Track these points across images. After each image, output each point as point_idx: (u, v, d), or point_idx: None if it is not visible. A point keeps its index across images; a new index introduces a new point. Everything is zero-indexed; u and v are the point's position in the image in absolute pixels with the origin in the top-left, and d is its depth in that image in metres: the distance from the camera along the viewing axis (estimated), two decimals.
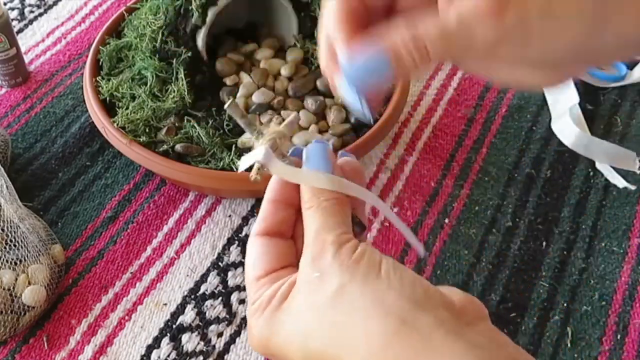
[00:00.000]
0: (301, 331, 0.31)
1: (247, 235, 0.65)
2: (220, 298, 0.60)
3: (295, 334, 0.31)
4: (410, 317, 0.29)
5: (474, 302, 0.32)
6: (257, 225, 0.36)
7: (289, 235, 0.37)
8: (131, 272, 0.62)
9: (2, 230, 0.56)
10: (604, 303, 0.60)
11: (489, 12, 0.28)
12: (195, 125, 0.63)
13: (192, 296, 0.60)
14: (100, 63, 0.69)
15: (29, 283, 0.57)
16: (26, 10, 0.89)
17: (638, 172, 0.69)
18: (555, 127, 0.74)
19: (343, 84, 0.32)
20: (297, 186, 0.36)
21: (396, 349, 0.28)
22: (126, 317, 0.59)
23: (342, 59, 0.31)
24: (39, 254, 0.59)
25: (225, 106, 0.36)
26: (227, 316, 0.59)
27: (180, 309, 0.60)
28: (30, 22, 0.88)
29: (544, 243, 0.65)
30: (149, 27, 0.66)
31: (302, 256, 0.33)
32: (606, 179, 0.70)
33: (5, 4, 0.90)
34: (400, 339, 0.28)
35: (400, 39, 0.29)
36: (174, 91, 0.64)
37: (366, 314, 0.29)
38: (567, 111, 0.74)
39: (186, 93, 0.64)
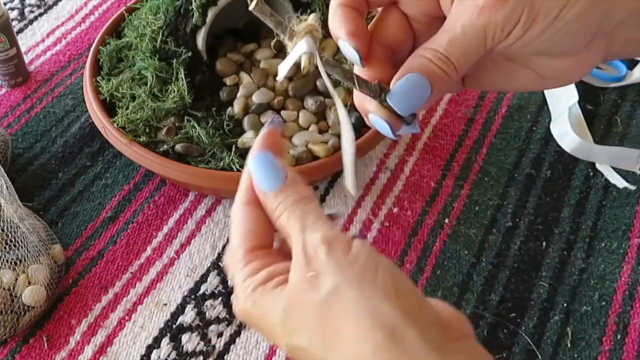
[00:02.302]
0: (287, 325, 0.31)
1: None
2: (220, 298, 0.60)
3: (279, 325, 0.31)
4: (400, 330, 0.29)
5: (461, 318, 0.32)
6: (244, 194, 0.35)
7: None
8: (131, 272, 0.62)
9: (2, 230, 0.56)
10: (604, 303, 0.60)
11: (486, 6, 0.32)
12: (195, 125, 0.63)
13: (192, 296, 0.60)
14: (100, 63, 0.69)
15: (29, 283, 0.57)
16: (26, 10, 0.89)
17: (638, 172, 0.69)
18: (555, 130, 0.74)
19: (377, 119, 0.35)
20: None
21: (380, 358, 0.28)
22: (126, 317, 0.59)
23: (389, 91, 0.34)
24: (39, 254, 0.59)
25: (250, 7, 0.32)
26: (227, 316, 0.59)
27: (180, 309, 0.60)
28: (30, 22, 0.88)
29: (544, 243, 0.65)
30: (149, 27, 0.66)
31: (293, 255, 0.32)
32: (606, 179, 0.70)
33: (5, 4, 0.90)
34: (387, 351, 0.28)
35: (427, 60, 0.33)
36: (174, 91, 0.64)
37: (357, 321, 0.29)
38: (565, 111, 0.74)
39: (186, 93, 0.64)
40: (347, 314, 0.29)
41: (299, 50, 0.33)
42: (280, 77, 0.35)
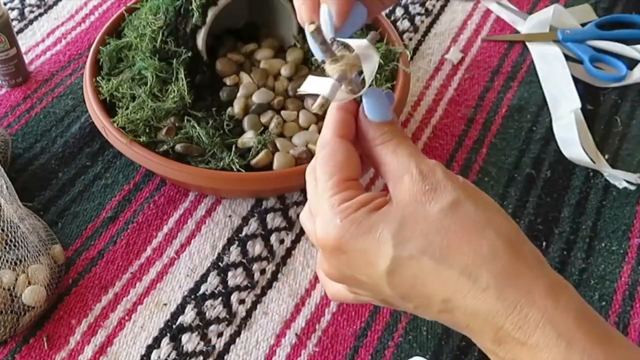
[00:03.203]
0: (401, 235, 0.33)
1: (247, 235, 0.65)
2: (220, 298, 0.60)
3: (390, 237, 0.33)
4: (516, 241, 0.33)
5: None
6: (337, 127, 0.37)
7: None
8: (131, 272, 0.62)
9: (2, 230, 0.56)
10: (604, 303, 0.60)
11: None
12: (195, 125, 0.63)
13: (192, 296, 0.60)
14: (100, 63, 0.69)
15: (29, 283, 0.57)
16: (26, 10, 0.89)
17: (637, 181, 0.69)
18: (559, 133, 0.73)
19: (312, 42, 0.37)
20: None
21: (502, 262, 0.32)
22: (126, 317, 0.59)
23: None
24: (39, 254, 0.59)
25: (308, 31, 0.36)
26: (227, 316, 0.59)
27: (180, 309, 0.60)
28: (30, 22, 0.88)
29: (544, 243, 0.65)
30: (149, 27, 0.66)
31: (395, 180, 0.35)
32: (606, 179, 0.70)
33: (5, 4, 0.90)
34: (507, 255, 0.32)
35: None
36: (174, 91, 0.64)
37: (479, 228, 0.33)
38: (571, 115, 0.73)
39: (186, 93, 0.64)
40: (469, 223, 0.33)
41: (322, 88, 0.36)
42: (303, 89, 0.38)
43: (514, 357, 0.32)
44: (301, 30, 0.70)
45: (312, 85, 0.37)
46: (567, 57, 0.81)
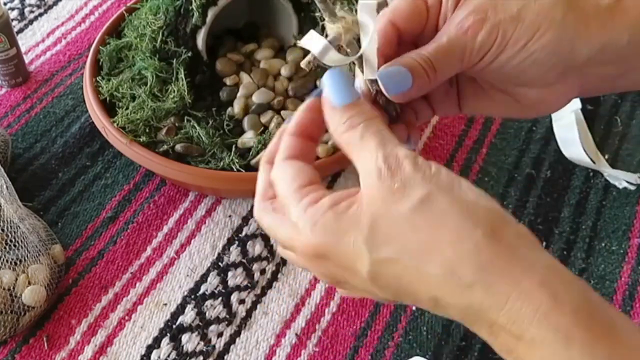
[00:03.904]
0: (374, 239, 0.32)
1: (247, 235, 0.65)
2: (220, 298, 0.60)
3: (363, 243, 0.32)
4: (498, 229, 0.31)
5: None
6: (281, 153, 0.37)
7: (311, 163, 0.37)
8: (131, 272, 0.62)
9: (2, 230, 0.56)
10: None
11: (469, 28, 0.37)
12: (195, 125, 0.63)
13: (192, 296, 0.60)
14: (100, 63, 0.69)
15: (29, 283, 0.57)
16: (26, 10, 0.89)
17: (637, 181, 0.69)
18: (559, 133, 0.73)
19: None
20: (320, 120, 0.36)
21: (486, 255, 0.30)
22: (126, 317, 0.59)
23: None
24: (39, 254, 0.59)
25: None
26: (227, 316, 0.59)
27: (180, 309, 0.60)
28: (30, 22, 0.88)
29: (544, 243, 0.65)
30: (149, 27, 0.66)
31: (364, 173, 0.33)
32: (606, 179, 0.70)
33: (5, 4, 0.90)
34: (490, 246, 0.30)
35: (414, 58, 0.37)
36: (174, 91, 0.64)
37: (455, 223, 0.31)
38: (571, 116, 0.73)
39: (186, 93, 0.64)
40: (444, 217, 0.31)
41: (314, 45, 0.35)
42: (301, 43, 0.37)
43: (511, 350, 0.31)
44: (301, 30, 0.70)
45: (309, 41, 0.36)
46: None
